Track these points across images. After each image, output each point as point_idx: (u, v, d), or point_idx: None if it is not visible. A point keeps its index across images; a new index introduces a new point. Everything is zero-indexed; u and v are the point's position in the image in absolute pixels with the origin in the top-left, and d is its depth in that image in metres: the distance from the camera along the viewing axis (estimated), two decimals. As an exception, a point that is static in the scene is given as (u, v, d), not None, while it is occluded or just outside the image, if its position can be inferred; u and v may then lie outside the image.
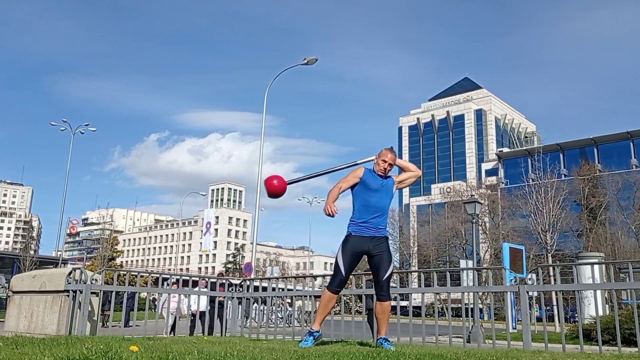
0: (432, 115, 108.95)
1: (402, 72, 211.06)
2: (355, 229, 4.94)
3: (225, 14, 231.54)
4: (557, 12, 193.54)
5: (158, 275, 8.67)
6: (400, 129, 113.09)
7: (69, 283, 7.14)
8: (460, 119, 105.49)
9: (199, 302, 10.54)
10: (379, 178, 5.03)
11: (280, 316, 13.36)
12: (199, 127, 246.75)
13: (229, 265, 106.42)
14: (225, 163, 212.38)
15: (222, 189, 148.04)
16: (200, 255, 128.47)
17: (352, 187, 5.06)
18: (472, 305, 10.57)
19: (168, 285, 10.61)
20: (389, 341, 4.97)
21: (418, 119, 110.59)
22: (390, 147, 5.18)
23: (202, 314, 10.88)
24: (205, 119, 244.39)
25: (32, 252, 53.85)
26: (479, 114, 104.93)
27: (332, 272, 5.19)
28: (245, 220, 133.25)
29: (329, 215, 4.76)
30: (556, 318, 18.72)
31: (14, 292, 8.02)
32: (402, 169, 5.34)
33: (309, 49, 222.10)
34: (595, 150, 71.25)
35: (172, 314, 10.68)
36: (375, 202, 4.95)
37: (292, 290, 10.44)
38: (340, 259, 4.91)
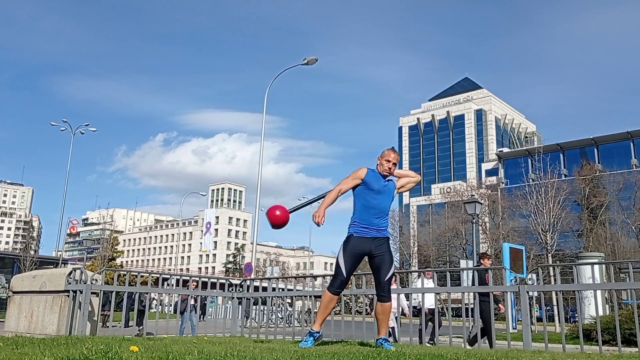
0: (432, 115, 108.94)
1: (404, 72, 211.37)
2: (357, 230, 4.91)
3: (228, 15, 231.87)
4: (558, 13, 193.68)
5: (158, 276, 8.67)
6: (400, 129, 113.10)
7: (69, 283, 7.14)
8: (460, 119, 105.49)
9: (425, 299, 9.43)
10: (382, 179, 5.00)
11: (280, 316, 13.38)
12: (207, 128, 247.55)
13: (229, 266, 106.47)
14: (229, 164, 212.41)
15: (222, 189, 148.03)
16: (201, 256, 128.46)
17: (354, 188, 5.04)
18: (472, 305, 10.57)
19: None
20: (389, 341, 4.96)
21: (418, 119, 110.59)
22: (392, 147, 5.18)
23: (432, 312, 9.80)
24: (214, 119, 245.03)
25: (32, 252, 53.78)
26: (479, 114, 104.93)
27: (332, 272, 5.19)
28: (245, 220, 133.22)
29: (315, 223, 4.79)
30: (556, 318, 18.72)
31: (14, 292, 8.02)
32: (400, 177, 5.23)
33: (312, 49, 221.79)
34: (595, 150, 71.23)
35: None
36: (377, 203, 4.93)
37: (292, 290, 10.45)
38: (342, 260, 4.87)
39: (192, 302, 14.21)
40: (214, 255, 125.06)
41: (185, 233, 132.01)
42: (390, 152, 5.06)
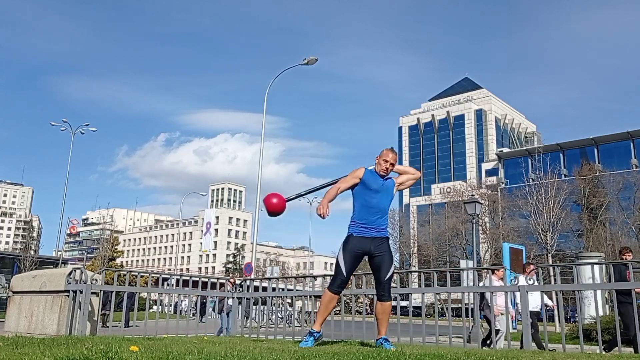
0: (432, 115, 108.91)
1: (404, 72, 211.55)
2: (356, 229, 4.92)
3: (229, 15, 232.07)
4: (558, 13, 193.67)
5: (158, 276, 8.67)
6: (400, 129, 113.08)
7: (69, 283, 7.14)
8: (460, 119, 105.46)
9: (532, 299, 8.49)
10: (380, 178, 5.00)
11: (280, 316, 13.36)
12: (209, 128, 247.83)
13: (229, 266, 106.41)
14: (230, 164, 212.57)
15: (222, 189, 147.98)
16: (200, 256, 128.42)
17: (352, 188, 5.04)
18: (472, 305, 10.55)
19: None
20: (389, 341, 4.96)
21: (418, 119, 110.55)
22: (391, 147, 5.18)
23: (535, 315, 9.06)
24: (216, 119, 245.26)
25: (32, 252, 53.70)
26: (479, 114, 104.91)
27: (332, 272, 5.20)
28: (245, 220, 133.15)
29: (319, 215, 4.76)
30: (556, 318, 18.71)
31: (14, 292, 8.02)
32: (400, 174, 5.29)
33: (312, 49, 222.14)
34: (595, 150, 71.19)
35: (501, 314, 9.22)
36: (376, 202, 4.94)
37: (292, 290, 10.46)
38: (342, 259, 4.88)
39: (230, 302, 13.91)
40: (214, 255, 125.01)
41: (185, 233, 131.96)
42: (388, 152, 5.05)
